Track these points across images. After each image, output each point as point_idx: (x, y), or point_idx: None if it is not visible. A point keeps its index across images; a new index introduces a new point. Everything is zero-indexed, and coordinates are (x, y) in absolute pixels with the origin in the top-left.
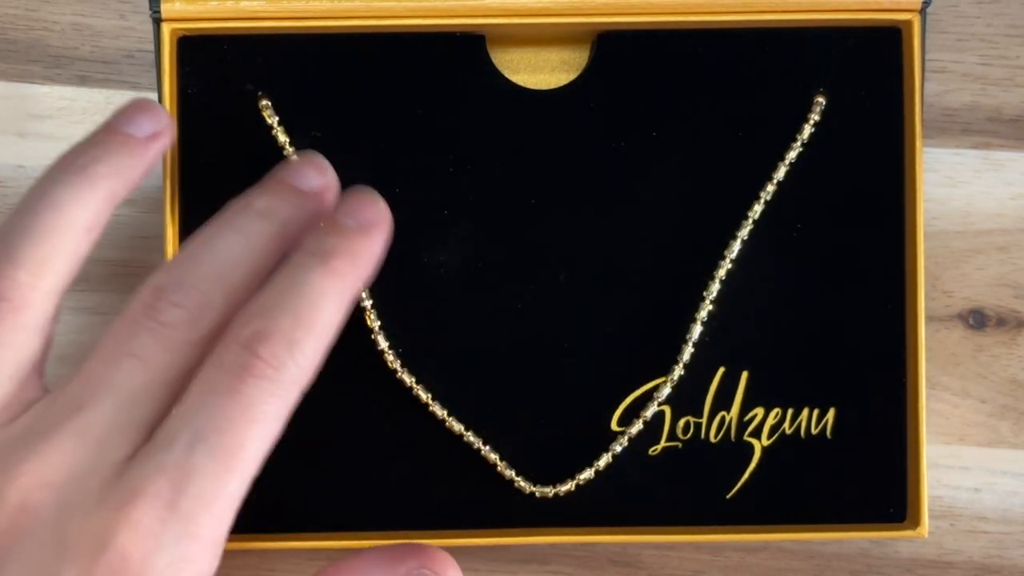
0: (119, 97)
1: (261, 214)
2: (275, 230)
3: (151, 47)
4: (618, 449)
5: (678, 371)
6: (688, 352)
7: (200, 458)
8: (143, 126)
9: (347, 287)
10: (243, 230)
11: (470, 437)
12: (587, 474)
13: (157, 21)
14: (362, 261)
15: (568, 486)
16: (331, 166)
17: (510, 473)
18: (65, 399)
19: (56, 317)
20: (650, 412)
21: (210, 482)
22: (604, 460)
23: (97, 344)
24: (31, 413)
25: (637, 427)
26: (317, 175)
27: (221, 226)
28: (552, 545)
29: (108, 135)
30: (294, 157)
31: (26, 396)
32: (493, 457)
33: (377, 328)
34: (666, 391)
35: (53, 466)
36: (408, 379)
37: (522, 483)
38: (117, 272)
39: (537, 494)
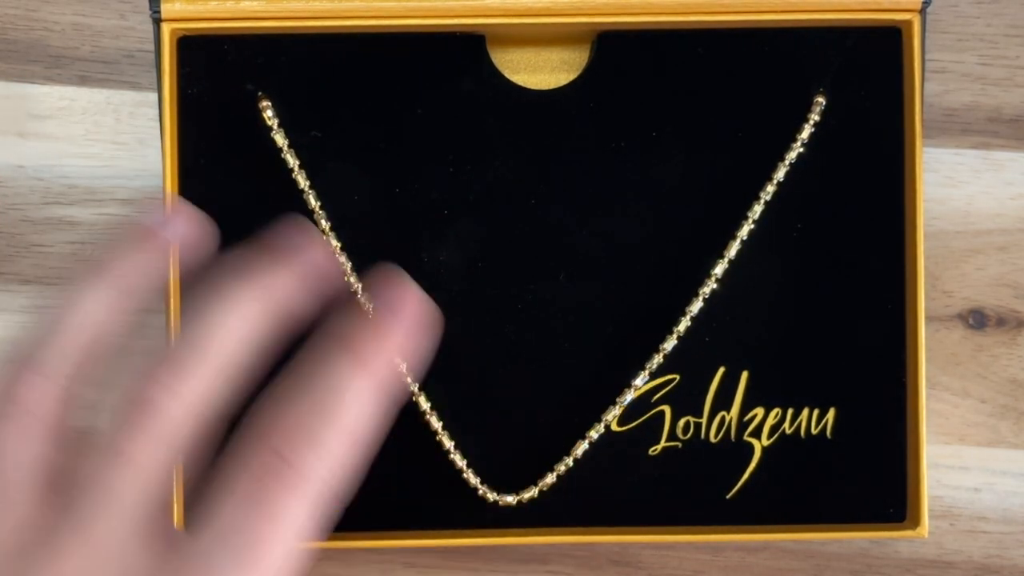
0: (119, 97)
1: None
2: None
3: (151, 47)
4: (580, 453)
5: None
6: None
7: (224, 562)
8: (175, 226)
9: (378, 379)
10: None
11: (453, 443)
12: (549, 479)
13: (157, 21)
14: (394, 348)
15: (531, 492)
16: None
17: (491, 490)
18: (64, 505)
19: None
20: (626, 400)
21: None
22: (564, 465)
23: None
24: (35, 524)
25: (610, 418)
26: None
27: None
28: (552, 545)
29: (134, 234)
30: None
31: (45, 502)
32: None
33: None
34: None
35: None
36: (411, 385)
37: (495, 496)
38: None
39: (524, 499)
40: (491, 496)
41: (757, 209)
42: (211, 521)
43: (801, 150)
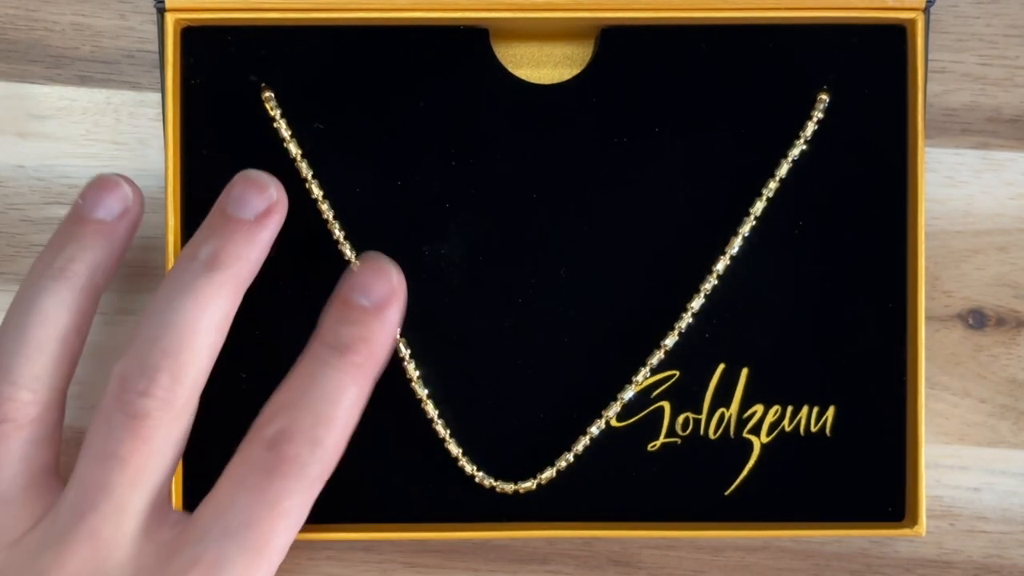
0: (119, 97)
1: (208, 265)
2: (225, 277)
3: (151, 47)
4: (581, 448)
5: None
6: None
7: (230, 552)
8: (111, 207)
9: (366, 375)
10: (194, 289)
11: (448, 431)
12: (548, 473)
13: (161, 11)
14: (378, 346)
15: (530, 484)
16: (273, 179)
17: (487, 476)
18: (67, 507)
19: (63, 416)
20: (627, 396)
21: (240, 574)
22: (566, 460)
23: (85, 439)
24: (42, 525)
25: (611, 414)
26: (257, 196)
27: (172, 289)
28: (552, 544)
29: (78, 225)
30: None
31: (44, 500)
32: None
33: None
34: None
35: (73, 571)
36: (413, 373)
37: (492, 482)
38: (117, 272)
39: (521, 490)
40: (488, 482)
41: (759, 206)
42: (219, 511)
43: (804, 147)
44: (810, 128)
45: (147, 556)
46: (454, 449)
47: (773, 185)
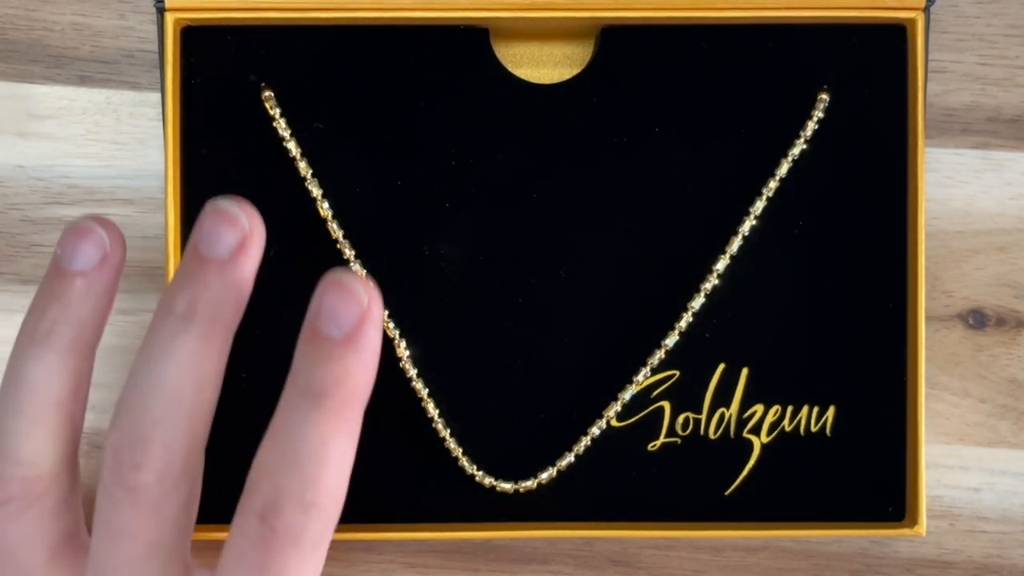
0: (119, 97)
1: (186, 318)
2: (206, 328)
3: (151, 47)
4: (582, 449)
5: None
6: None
7: None
8: (90, 255)
9: (349, 418)
10: (175, 348)
11: (449, 430)
12: (548, 473)
13: (161, 11)
14: (358, 381)
15: (530, 484)
16: (244, 208)
17: (488, 475)
18: None
19: (76, 480)
20: (627, 396)
21: None
22: (567, 460)
23: (95, 510)
24: None
25: (611, 414)
26: (228, 230)
27: (154, 348)
28: (552, 544)
29: (58, 282)
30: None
31: (70, 569)
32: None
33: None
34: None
35: None
36: (413, 372)
37: (492, 481)
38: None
39: (521, 490)
40: (488, 482)
41: (759, 205)
42: None
43: (804, 147)
44: (810, 128)
45: None
46: (454, 449)
47: (773, 185)
